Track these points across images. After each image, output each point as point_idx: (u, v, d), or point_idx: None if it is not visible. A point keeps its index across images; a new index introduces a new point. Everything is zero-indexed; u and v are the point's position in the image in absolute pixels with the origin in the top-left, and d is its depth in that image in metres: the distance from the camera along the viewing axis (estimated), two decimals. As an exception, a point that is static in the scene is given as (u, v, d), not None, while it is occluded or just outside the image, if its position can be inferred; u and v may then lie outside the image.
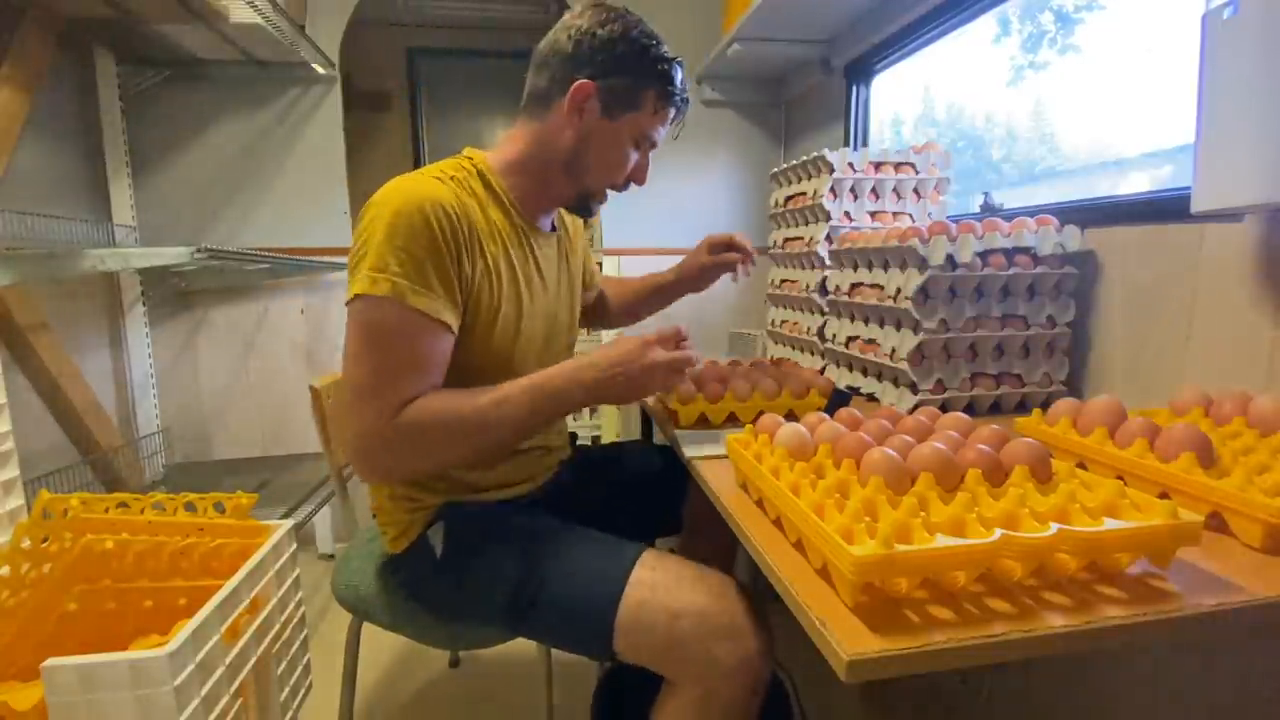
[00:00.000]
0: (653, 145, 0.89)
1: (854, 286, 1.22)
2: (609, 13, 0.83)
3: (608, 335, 1.94)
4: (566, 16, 0.85)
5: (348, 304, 0.74)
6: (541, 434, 0.97)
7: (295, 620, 0.92)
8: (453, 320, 0.76)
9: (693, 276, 1.18)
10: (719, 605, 0.73)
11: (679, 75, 0.86)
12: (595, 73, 0.81)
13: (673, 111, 0.88)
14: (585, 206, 0.92)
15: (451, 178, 0.81)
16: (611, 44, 0.81)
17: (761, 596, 0.76)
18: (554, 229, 0.97)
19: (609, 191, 0.91)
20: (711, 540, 1.07)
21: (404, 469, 0.79)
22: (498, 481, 0.91)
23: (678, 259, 1.21)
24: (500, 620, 0.83)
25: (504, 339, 0.84)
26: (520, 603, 0.80)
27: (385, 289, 0.71)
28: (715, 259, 1.15)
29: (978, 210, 1.39)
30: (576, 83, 0.81)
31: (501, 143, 0.89)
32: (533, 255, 0.89)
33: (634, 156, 0.88)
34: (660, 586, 0.75)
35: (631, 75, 0.82)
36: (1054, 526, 0.50)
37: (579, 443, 1.17)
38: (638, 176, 0.91)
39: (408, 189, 0.75)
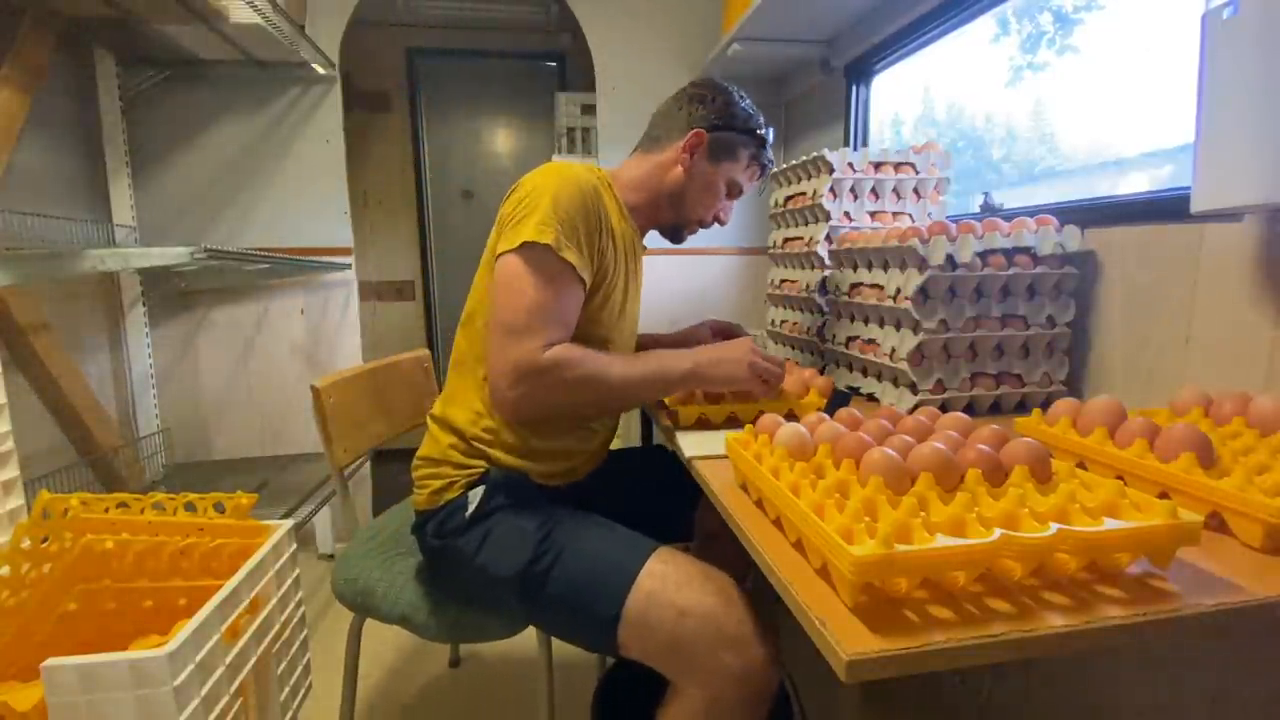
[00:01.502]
0: (740, 193, 1.07)
1: (854, 286, 1.22)
2: (722, 86, 1.05)
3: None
4: (687, 85, 1.06)
5: (505, 253, 0.86)
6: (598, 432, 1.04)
7: (295, 620, 0.92)
8: (587, 280, 0.89)
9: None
10: (727, 610, 0.73)
11: (769, 147, 1.07)
12: (708, 126, 1.01)
13: (759, 170, 1.07)
14: (678, 233, 1.09)
15: (596, 175, 0.97)
16: (725, 107, 1.02)
17: (765, 598, 0.76)
18: (645, 246, 1.12)
19: (698, 226, 1.08)
20: (725, 553, 1.07)
21: (540, 404, 0.87)
22: (541, 469, 0.96)
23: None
24: (513, 588, 0.83)
25: (610, 317, 0.97)
26: (534, 572, 0.82)
27: (550, 238, 0.84)
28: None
29: (978, 210, 1.38)
30: (694, 130, 1.00)
31: (621, 167, 1.06)
32: (636, 259, 1.06)
33: (724, 200, 1.06)
34: (671, 580, 0.76)
35: (735, 132, 1.02)
36: (1054, 526, 0.50)
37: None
38: (722, 216, 1.08)
39: (565, 168, 0.91)
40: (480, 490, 0.90)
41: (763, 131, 1.04)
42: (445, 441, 0.95)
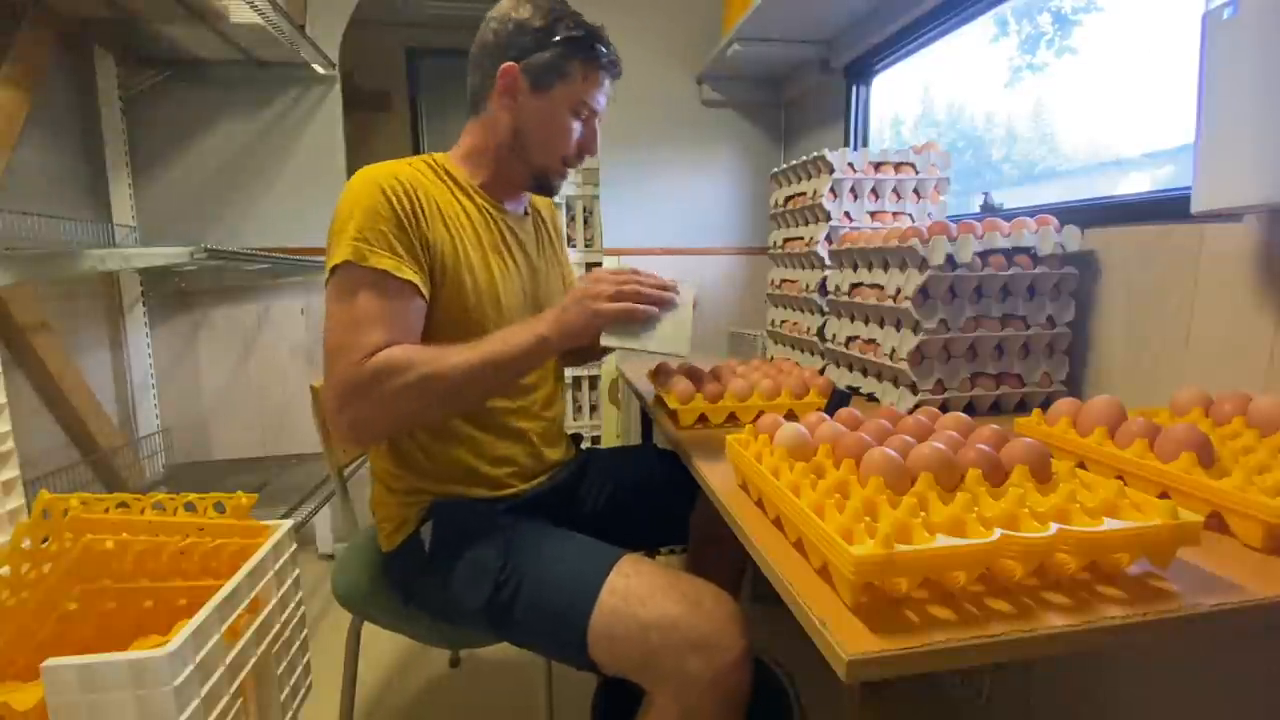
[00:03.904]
0: (594, 114, 0.92)
1: (854, 286, 1.22)
2: (513, 6, 0.88)
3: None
4: (488, 15, 0.89)
5: (326, 285, 0.80)
6: (528, 428, 0.95)
7: (295, 620, 0.92)
8: (417, 279, 0.80)
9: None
10: (691, 616, 0.71)
11: (600, 41, 0.88)
12: (518, 54, 0.86)
13: (604, 76, 0.90)
14: (544, 184, 0.95)
15: (409, 164, 0.88)
16: (527, 25, 0.86)
17: (765, 599, 0.75)
18: (527, 213, 1.01)
19: (565, 167, 0.94)
20: (720, 558, 1.06)
21: (376, 419, 0.78)
22: (490, 481, 0.92)
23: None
24: (483, 621, 0.83)
25: (479, 307, 0.86)
26: (498, 604, 0.80)
27: (347, 254, 0.77)
28: None
29: (978, 210, 1.39)
30: (501, 70, 0.86)
31: (457, 143, 0.96)
32: (504, 233, 0.93)
33: (577, 127, 0.91)
34: (633, 596, 0.74)
35: (551, 49, 0.86)
36: (1054, 526, 0.50)
37: (584, 445, 1.16)
38: (588, 146, 0.93)
39: (366, 174, 0.82)
40: (430, 525, 0.88)
41: (578, 32, 0.86)
42: (382, 484, 0.92)
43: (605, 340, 0.86)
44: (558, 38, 0.85)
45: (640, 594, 0.74)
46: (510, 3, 0.88)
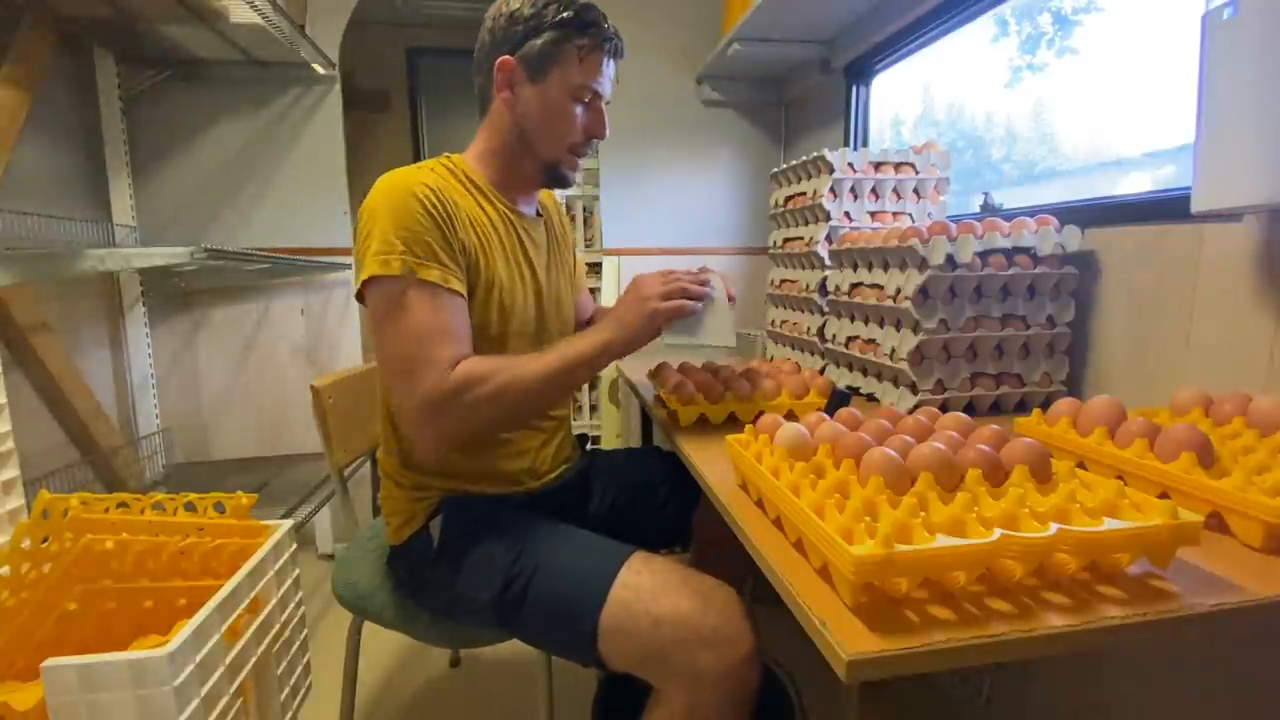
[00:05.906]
0: (597, 97, 0.89)
1: (854, 286, 1.22)
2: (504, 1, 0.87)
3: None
4: (485, 15, 0.90)
5: (360, 291, 0.80)
6: (544, 426, 0.98)
7: (295, 620, 0.92)
8: (461, 288, 0.81)
9: None
10: (703, 611, 0.72)
11: (594, 19, 0.86)
12: (511, 48, 0.86)
13: (602, 57, 0.88)
14: (557, 176, 0.93)
15: (431, 170, 0.87)
16: (518, 15, 0.85)
17: (764, 599, 0.76)
18: (539, 214, 1.00)
19: (576, 156, 0.92)
20: (722, 558, 1.06)
21: (460, 430, 0.80)
22: (500, 476, 0.92)
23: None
24: (490, 615, 0.83)
25: (496, 312, 0.87)
26: (509, 597, 0.81)
27: (397, 268, 0.76)
28: None
29: (978, 210, 1.38)
30: (498, 61, 0.85)
31: (471, 145, 0.95)
32: (519, 237, 0.93)
33: (580, 112, 0.89)
34: (645, 590, 0.74)
35: (544, 35, 0.84)
36: (1054, 526, 0.50)
37: (588, 447, 1.17)
38: (595, 131, 0.91)
39: (395, 179, 0.81)
40: (439, 520, 0.88)
41: (568, 13, 0.84)
42: (390, 479, 0.93)
43: (667, 340, 0.88)
44: (548, 22, 0.84)
45: (653, 589, 0.74)
46: (501, 2, 0.88)
